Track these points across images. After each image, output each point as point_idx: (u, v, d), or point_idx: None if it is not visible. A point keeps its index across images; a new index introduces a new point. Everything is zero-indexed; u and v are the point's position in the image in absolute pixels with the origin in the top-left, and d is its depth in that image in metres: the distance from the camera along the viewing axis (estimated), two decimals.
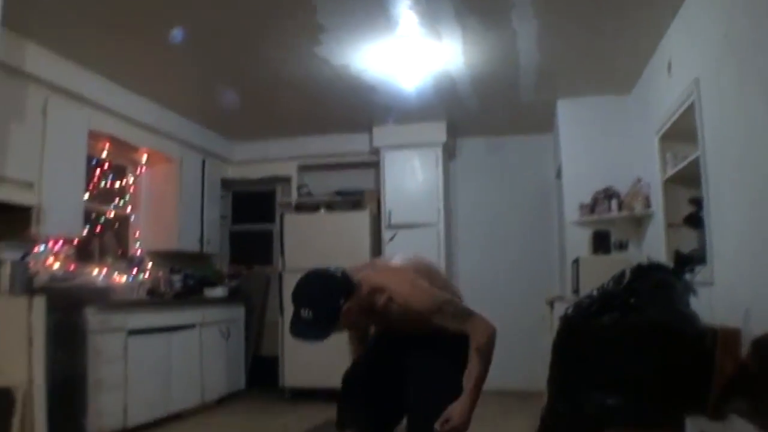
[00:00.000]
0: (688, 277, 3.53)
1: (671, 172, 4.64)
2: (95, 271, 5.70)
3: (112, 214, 6.25)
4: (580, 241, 5.99)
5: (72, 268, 5.33)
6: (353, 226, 6.93)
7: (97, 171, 5.97)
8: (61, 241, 5.19)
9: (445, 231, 7.01)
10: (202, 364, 6.16)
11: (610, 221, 5.87)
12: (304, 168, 7.77)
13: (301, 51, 5.03)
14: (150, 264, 6.50)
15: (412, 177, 7.10)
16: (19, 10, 3.85)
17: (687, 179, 4.39)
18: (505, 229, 7.45)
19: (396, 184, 7.13)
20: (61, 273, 5.17)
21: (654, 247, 5.15)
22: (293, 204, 7.59)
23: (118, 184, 6.38)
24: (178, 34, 4.46)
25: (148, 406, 5.28)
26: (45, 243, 5.03)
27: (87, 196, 5.50)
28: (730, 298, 3.36)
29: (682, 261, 4.06)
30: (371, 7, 4.30)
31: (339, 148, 7.56)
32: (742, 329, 2.83)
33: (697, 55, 3.97)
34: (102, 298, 5.06)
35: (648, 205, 5.40)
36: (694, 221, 4.21)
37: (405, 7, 4.31)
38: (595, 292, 3.15)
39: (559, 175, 6.66)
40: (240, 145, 7.82)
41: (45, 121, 4.76)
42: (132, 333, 5.14)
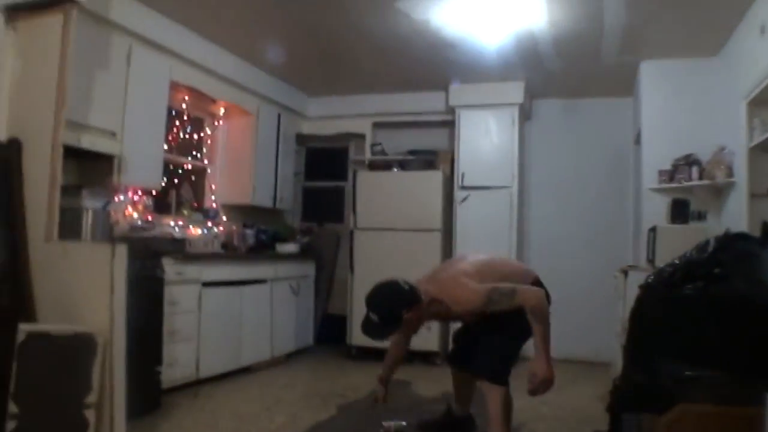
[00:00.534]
0: None
1: (758, 139, 4.42)
2: (172, 223, 5.79)
3: (189, 167, 6.33)
4: (657, 210, 5.79)
5: (150, 218, 5.43)
6: (426, 186, 6.83)
7: (176, 122, 6.03)
8: (140, 191, 5.28)
9: (518, 194, 6.86)
10: (272, 319, 6.24)
11: (689, 190, 5.64)
12: (378, 125, 7.70)
13: (383, 4, 4.92)
14: (224, 218, 6.57)
15: (486, 138, 6.95)
16: None
17: None
18: (579, 194, 7.27)
19: (470, 145, 6.99)
20: (139, 223, 5.27)
21: (734, 218, 4.93)
22: (366, 162, 7.55)
23: (195, 136, 6.44)
24: None
25: (220, 358, 5.39)
26: (125, 192, 5.13)
27: (166, 147, 5.56)
28: None
29: None
30: None
31: (414, 107, 7.46)
32: None
33: None
34: (178, 249, 5.14)
35: (730, 174, 5.16)
36: None
37: None
38: (677, 261, 3.03)
39: (638, 141, 6.44)
40: (315, 100, 7.80)
41: (128, 70, 4.81)
42: (206, 285, 5.23)
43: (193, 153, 6.41)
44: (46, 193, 3.71)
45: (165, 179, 5.61)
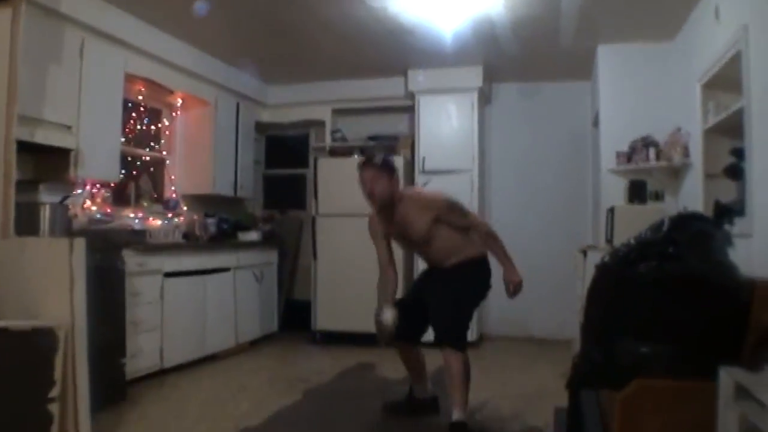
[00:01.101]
0: (727, 228, 3.48)
1: (713, 121, 4.53)
2: (131, 215, 5.78)
3: (147, 158, 6.31)
4: (615, 191, 5.91)
5: (109, 211, 5.41)
6: None
7: (132, 114, 6.00)
8: (98, 184, 5.27)
9: (479, 177, 6.95)
10: (236, 307, 6.28)
11: (646, 171, 5.77)
12: (338, 112, 7.73)
13: None
14: (185, 208, 6.57)
15: (446, 122, 7.02)
16: None
17: (728, 129, 4.27)
18: (539, 177, 7.39)
19: (430, 130, 7.06)
20: (98, 216, 5.25)
21: (691, 198, 5.07)
22: (327, 148, 7.59)
23: (153, 127, 6.42)
24: None
25: (184, 347, 5.42)
26: (83, 186, 5.11)
27: (123, 139, 5.54)
28: None
29: (722, 212, 3.99)
30: None
31: (374, 93, 7.50)
32: None
33: (746, 0, 3.83)
34: (139, 240, 5.15)
35: (686, 155, 5.29)
36: (734, 172, 4.11)
37: None
38: (632, 241, 3.12)
39: (596, 123, 6.55)
40: (274, 88, 7.80)
41: (82, 63, 4.77)
42: (168, 275, 5.24)
43: (151, 144, 6.39)
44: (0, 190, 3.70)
45: (123, 171, 5.58)
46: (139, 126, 6.12)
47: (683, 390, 2.51)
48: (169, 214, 6.30)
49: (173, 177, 6.62)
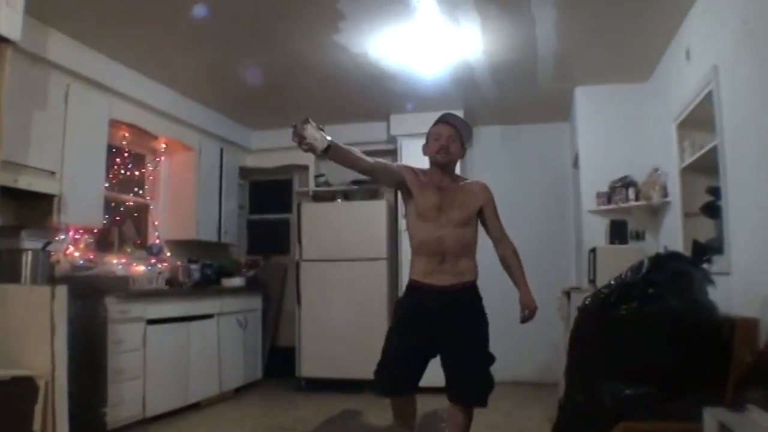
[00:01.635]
0: (705, 266, 3.52)
1: (689, 160, 4.60)
2: (115, 261, 5.75)
3: (131, 203, 6.30)
4: (596, 231, 5.97)
5: (92, 257, 5.38)
6: (370, 215, 6.93)
7: (116, 159, 6.01)
8: (81, 230, 5.25)
9: None
10: (219, 354, 6.21)
11: (627, 210, 5.84)
12: (321, 156, 7.73)
13: (321, 38, 5.03)
14: (168, 254, 6.55)
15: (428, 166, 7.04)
16: None
17: (704, 168, 4.34)
18: (520, 219, 7.35)
19: None
20: (81, 262, 5.22)
21: (671, 237, 5.11)
22: (310, 193, 7.61)
23: (137, 172, 6.42)
24: (201, 11, 4.44)
25: (167, 395, 5.34)
26: (66, 232, 5.08)
27: (107, 184, 5.54)
28: (748, 288, 3.33)
29: (700, 250, 4.03)
30: None
31: (356, 137, 7.49)
32: (759, 319, 2.82)
33: (716, 41, 3.93)
34: (121, 287, 5.11)
35: (665, 194, 5.36)
36: (712, 210, 4.17)
37: None
38: (613, 282, 3.15)
39: (576, 164, 6.63)
40: (258, 133, 7.86)
41: (66, 109, 4.79)
42: (151, 322, 5.19)
43: (135, 189, 6.38)
44: None
45: (107, 217, 5.56)
46: (122, 171, 6.10)
47: None
48: (153, 260, 6.26)
49: (157, 222, 6.61)
